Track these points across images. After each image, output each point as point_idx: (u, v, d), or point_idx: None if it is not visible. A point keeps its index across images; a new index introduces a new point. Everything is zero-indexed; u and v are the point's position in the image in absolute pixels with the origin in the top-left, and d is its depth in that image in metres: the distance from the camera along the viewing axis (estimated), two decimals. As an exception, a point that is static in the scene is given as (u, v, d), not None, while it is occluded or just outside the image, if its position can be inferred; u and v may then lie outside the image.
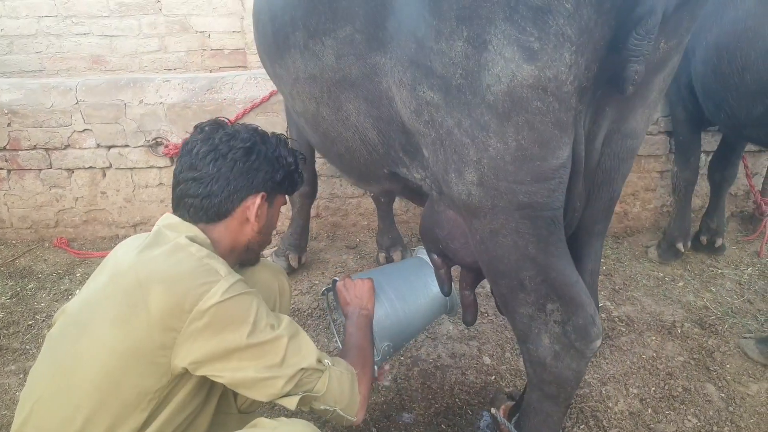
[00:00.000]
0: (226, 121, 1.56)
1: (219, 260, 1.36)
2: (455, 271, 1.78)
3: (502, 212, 1.29)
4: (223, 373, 1.29)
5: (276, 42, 1.78)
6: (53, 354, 1.33)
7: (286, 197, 1.64)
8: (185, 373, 1.30)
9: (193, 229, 1.42)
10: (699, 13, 1.22)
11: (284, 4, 1.66)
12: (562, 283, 1.38)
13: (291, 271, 3.27)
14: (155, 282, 1.25)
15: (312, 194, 3.22)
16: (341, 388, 1.42)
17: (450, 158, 1.30)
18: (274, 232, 1.73)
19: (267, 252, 3.45)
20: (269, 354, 1.31)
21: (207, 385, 1.40)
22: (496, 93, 1.14)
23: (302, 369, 1.34)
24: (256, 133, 1.51)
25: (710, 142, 3.48)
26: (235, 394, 1.60)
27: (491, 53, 1.11)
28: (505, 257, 1.37)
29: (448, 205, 1.50)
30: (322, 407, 1.41)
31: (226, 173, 1.42)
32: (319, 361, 1.39)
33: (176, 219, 1.45)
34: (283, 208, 1.72)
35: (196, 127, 1.53)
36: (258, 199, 1.46)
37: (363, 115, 1.55)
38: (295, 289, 3.09)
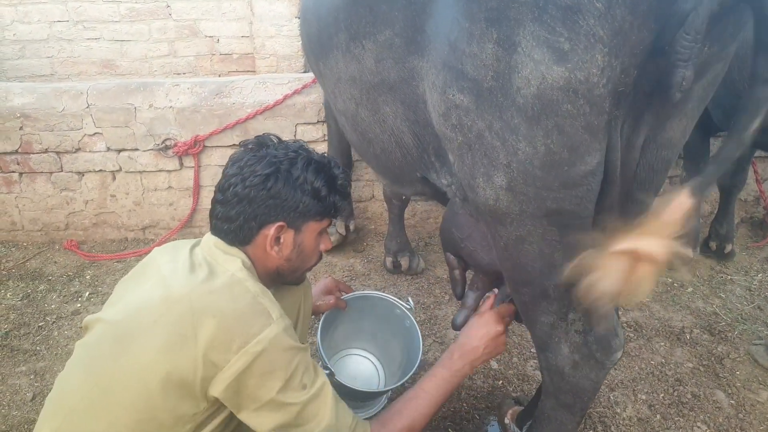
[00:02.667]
0: (271, 138, 1.52)
1: (271, 298, 1.35)
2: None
3: (530, 218, 1.27)
4: (243, 413, 1.30)
5: (320, 41, 1.79)
6: (90, 365, 1.31)
7: (329, 221, 1.56)
8: (221, 404, 1.31)
9: (242, 255, 1.42)
10: (746, 19, 1.14)
11: (329, 4, 1.67)
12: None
13: (341, 241, 3.45)
14: (208, 315, 1.24)
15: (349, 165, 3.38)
16: None
17: (479, 162, 1.27)
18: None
19: None
20: (288, 413, 1.30)
21: None
22: (525, 95, 1.11)
23: None
24: (285, 157, 1.44)
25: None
26: None
27: (521, 55, 1.08)
28: (529, 265, 1.35)
29: (470, 213, 1.49)
30: None
31: (244, 200, 1.40)
32: (333, 430, 1.34)
33: (218, 241, 1.44)
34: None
35: (240, 143, 1.51)
36: (273, 230, 1.42)
37: (400, 119, 1.54)
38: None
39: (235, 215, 1.40)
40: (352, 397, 1.98)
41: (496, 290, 1.77)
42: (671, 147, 1.32)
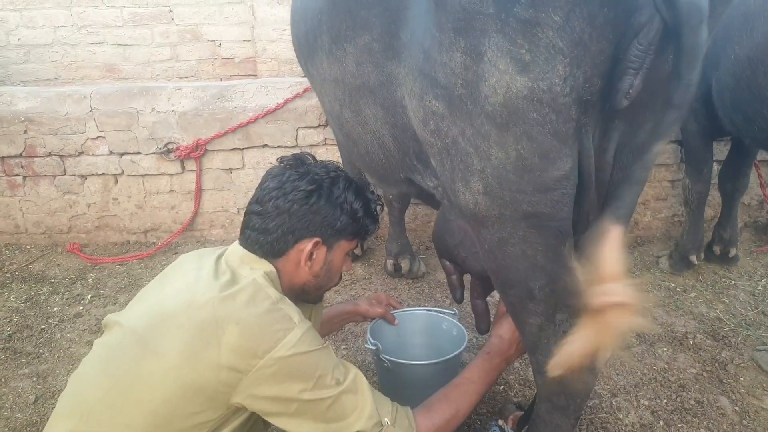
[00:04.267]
0: (309, 157, 1.56)
1: (291, 305, 1.37)
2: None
3: (509, 221, 1.30)
4: (279, 419, 1.31)
5: (307, 42, 1.83)
6: (110, 367, 1.32)
7: (357, 242, 1.60)
8: (241, 407, 1.32)
9: (265, 264, 1.43)
10: (713, 25, 1.20)
11: (313, 7, 1.70)
12: (572, 293, 1.37)
13: (354, 258, 3.43)
14: (232, 322, 1.26)
15: None
16: None
17: (456, 167, 1.32)
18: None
19: None
20: (326, 410, 1.32)
21: (254, 417, 1.40)
22: (493, 104, 1.15)
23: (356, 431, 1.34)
24: (327, 175, 1.49)
25: (722, 151, 3.45)
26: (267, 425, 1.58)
27: (487, 64, 1.12)
28: (513, 266, 1.37)
29: (457, 215, 1.51)
30: None
31: (284, 213, 1.43)
32: (376, 422, 1.36)
33: (245, 252, 1.46)
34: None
35: (278, 159, 1.55)
36: (310, 245, 1.45)
37: (380, 122, 1.57)
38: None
39: (274, 228, 1.43)
40: (399, 381, 2.02)
41: (479, 304, 1.80)
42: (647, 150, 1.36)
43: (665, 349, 2.60)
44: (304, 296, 1.57)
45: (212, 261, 1.43)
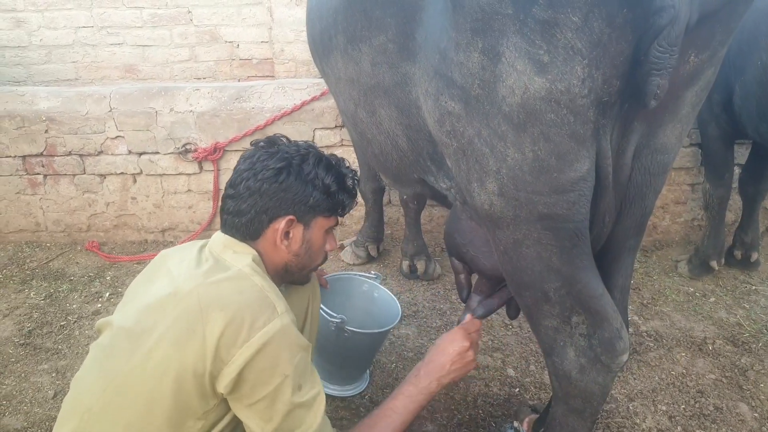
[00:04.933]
0: (282, 138, 1.55)
1: (277, 293, 1.36)
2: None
3: (524, 223, 1.29)
4: (238, 406, 1.30)
5: (322, 41, 1.84)
6: (104, 366, 1.33)
7: (336, 219, 1.58)
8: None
9: (250, 251, 1.43)
10: (734, 26, 1.19)
11: (329, 6, 1.71)
12: (588, 295, 1.36)
13: (370, 259, 3.53)
14: (216, 309, 1.25)
15: (381, 189, 3.39)
16: None
17: (472, 168, 1.31)
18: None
19: (346, 242, 3.63)
20: (278, 415, 1.28)
21: None
22: (511, 104, 1.15)
23: None
24: (297, 153, 1.47)
25: (743, 154, 3.40)
26: None
27: (505, 65, 1.12)
28: (528, 268, 1.36)
29: (471, 216, 1.50)
30: None
31: (255, 193, 1.42)
32: None
33: (227, 238, 1.46)
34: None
35: (251, 143, 1.54)
36: (283, 223, 1.44)
37: (394, 122, 1.57)
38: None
39: (247, 208, 1.43)
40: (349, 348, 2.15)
41: (476, 299, 1.76)
42: (666, 151, 1.36)
43: (684, 354, 2.57)
44: (289, 277, 1.55)
45: (195, 252, 1.43)
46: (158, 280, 1.40)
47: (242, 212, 1.43)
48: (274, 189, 1.42)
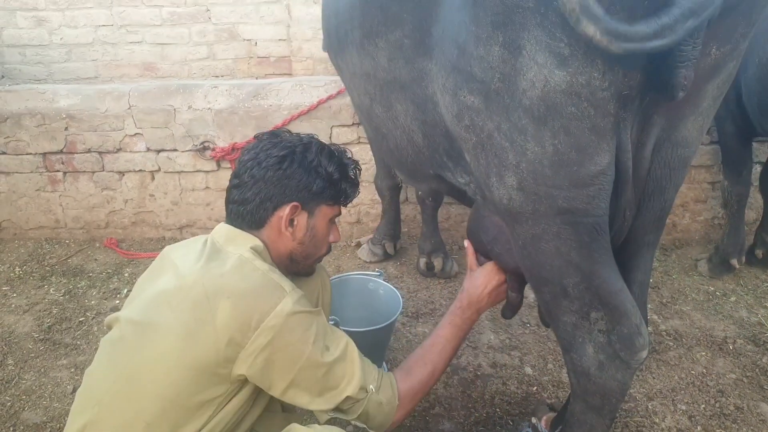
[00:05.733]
0: (285, 131, 1.58)
1: (280, 274, 1.39)
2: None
3: (543, 217, 1.28)
4: (276, 390, 1.34)
5: (338, 36, 1.85)
6: (114, 358, 1.36)
7: (339, 208, 1.61)
8: (244, 381, 1.33)
9: (251, 238, 1.45)
10: (756, 18, 1.17)
11: (345, 1, 1.71)
12: (607, 291, 1.35)
13: (387, 257, 3.52)
14: (223, 297, 1.28)
15: (397, 187, 3.39)
16: (375, 415, 1.43)
17: (491, 162, 1.31)
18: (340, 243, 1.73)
19: (363, 240, 3.62)
20: (320, 379, 1.34)
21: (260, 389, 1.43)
22: (531, 97, 1.14)
23: (345, 397, 1.36)
24: (300, 142, 1.51)
25: (764, 152, 3.35)
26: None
27: (525, 58, 1.12)
28: (547, 263, 1.36)
29: (491, 211, 1.50)
30: (351, 421, 1.45)
31: (259, 181, 1.45)
32: (362, 388, 1.39)
33: (228, 228, 1.49)
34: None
35: (254, 136, 1.57)
36: (288, 209, 1.46)
37: (410, 117, 1.57)
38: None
39: (251, 196, 1.45)
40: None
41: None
42: (687, 145, 1.34)
43: (704, 353, 2.54)
44: (294, 267, 1.57)
45: (198, 245, 1.45)
46: (164, 274, 1.43)
47: (247, 200, 1.46)
48: (278, 176, 1.44)
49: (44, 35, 4.54)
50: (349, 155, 1.61)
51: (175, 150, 3.67)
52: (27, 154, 3.71)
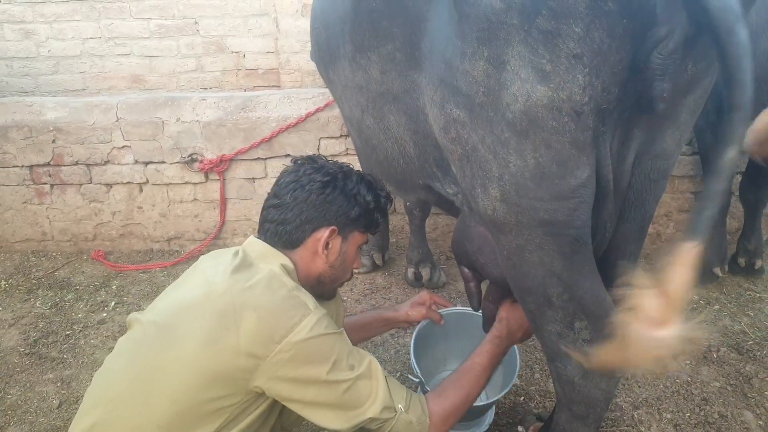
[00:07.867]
0: (323, 157, 1.63)
1: (307, 293, 1.42)
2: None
3: (526, 228, 1.31)
4: (297, 404, 1.35)
5: (329, 49, 1.87)
6: (134, 358, 1.37)
7: (368, 236, 1.66)
8: (261, 394, 1.35)
9: (282, 257, 1.48)
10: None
11: (335, 16, 1.74)
12: (590, 301, 1.38)
13: (375, 268, 3.53)
14: (249, 309, 1.30)
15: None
16: None
17: (476, 174, 1.34)
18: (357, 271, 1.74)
19: None
20: (342, 395, 1.35)
21: (278, 405, 1.44)
22: (514, 111, 1.17)
23: (368, 418, 1.37)
24: (340, 170, 1.57)
25: (744, 161, 3.40)
26: (281, 412, 1.59)
27: (509, 73, 1.15)
28: (531, 273, 1.38)
29: (477, 221, 1.52)
30: None
31: (301, 203, 1.49)
32: (387, 407, 1.40)
33: (262, 244, 1.52)
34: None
35: (291, 160, 1.62)
36: (327, 233, 1.50)
37: (403, 128, 1.60)
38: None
39: (292, 217, 1.50)
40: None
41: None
42: (666, 157, 1.38)
43: (688, 362, 2.57)
44: (320, 288, 1.59)
45: (229, 256, 1.47)
46: (192, 282, 1.46)
47: (287, 221, 1.50)
48: (320, 200, 1.50)
49: (31, 47, 4.52)
50: (382, 186, 1.66)
51: (163, 162, 3.67)
52: (14, 166, 3.69)
